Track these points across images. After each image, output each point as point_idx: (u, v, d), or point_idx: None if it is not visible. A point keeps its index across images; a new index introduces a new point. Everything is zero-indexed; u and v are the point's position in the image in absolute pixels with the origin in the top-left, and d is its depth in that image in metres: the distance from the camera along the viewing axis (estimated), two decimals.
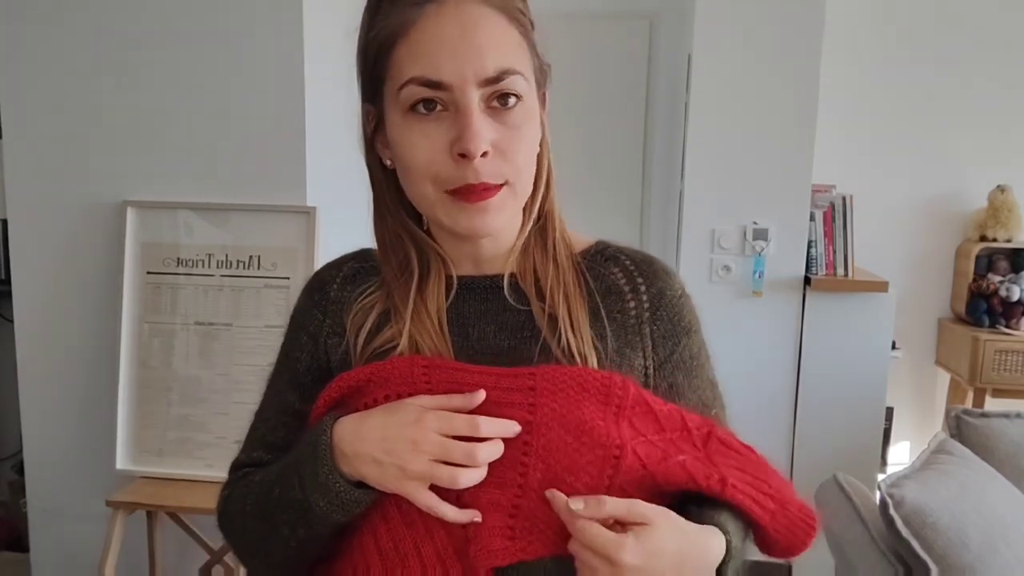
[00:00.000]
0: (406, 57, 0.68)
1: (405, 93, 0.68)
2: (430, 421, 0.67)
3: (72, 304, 2.09)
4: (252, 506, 0.75)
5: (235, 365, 1.96)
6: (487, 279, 0.78)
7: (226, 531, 0.80)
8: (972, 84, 3.08)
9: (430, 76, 0.67)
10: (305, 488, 0.69)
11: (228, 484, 0.81)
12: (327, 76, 2.03)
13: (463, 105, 0.67)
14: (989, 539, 1.40)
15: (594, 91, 3.37)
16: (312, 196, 2.00)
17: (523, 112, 0.70)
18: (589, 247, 0.82)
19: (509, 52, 0.69)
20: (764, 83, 2.50)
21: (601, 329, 0.76)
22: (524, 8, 0.72)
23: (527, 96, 0.71)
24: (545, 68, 0.75)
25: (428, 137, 0.69)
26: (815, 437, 2.61)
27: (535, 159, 0.74)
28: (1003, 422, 1.89)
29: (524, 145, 0.71)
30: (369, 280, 0.80)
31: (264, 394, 0.84)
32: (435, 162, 0.69)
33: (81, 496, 2.10)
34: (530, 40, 0.73)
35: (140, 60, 1.99)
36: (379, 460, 0.67)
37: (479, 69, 0.67)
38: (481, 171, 0.68)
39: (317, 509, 0.68)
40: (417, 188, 0.71)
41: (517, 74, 0.69)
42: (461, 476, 0.66)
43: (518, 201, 0.73)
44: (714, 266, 2.59)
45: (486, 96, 0.68)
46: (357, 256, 0.84)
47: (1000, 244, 2.98)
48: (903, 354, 3.06)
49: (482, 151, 0.67)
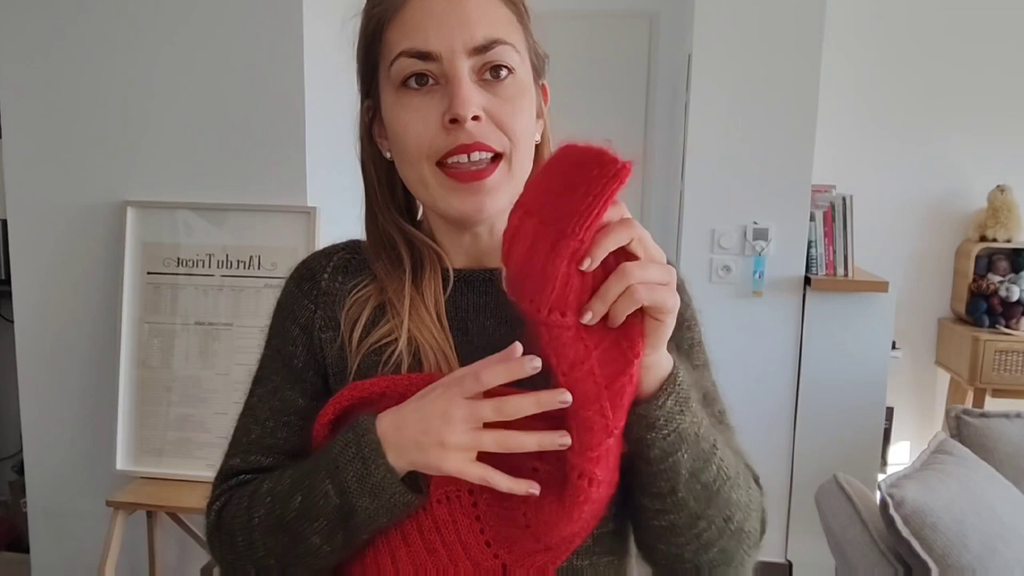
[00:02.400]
0: (397, 34, 0.69)
1: (396, 67, 0.69)
2: (456, 388, 0.63)
3: (72, 304, 2.09)
4: (263, 518, 0.69)
5: (235, 365, 1.96)
6: (485, 272, 0.77)
7: (223, 548, 0.72)
8: (972, 84, 3.08)
9: (419, 47, 0.67)
10: (348, 493, 0.64)
11: (219, 495, 0.75)
12: (327, 76, 2.03)
13: (452, 74, 0.67)
14: (989, 539, 1.40)
15: (594, 90, 3.38)
16: (312, 196, 2.00)
17: (516, 84, 0.70)
18: None
19: (499, 25, 0.69)
20: (764, 83, 2.50)
21: None
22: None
23: (519, 69, 0.70)
24: (542, 56, 0.75)
25: (420, 110, 0.69)
26: (815, 437, 2.61)
27: (532, 134, 0.74)
28: (1003, 422, 1.89)
29: (519, 116, 0.70)
30: (361, 273, 0.78)
31: (251, 394, 0.80)
32: (427, 134, 0.69)
33: (81, 496, 2.11)
34: (524, 24, 0.73)
35: (140, 60, 1.99)
36: (419, 442, 0.63)
37: (467, 39, 0.67)
38: (475, 132, 0.68)
39: (363, 513, 0.64)
40: (412, 168, 0.71)
41: (507, 44, 0.69)
42: (509, 437, 0.61)
43: (515, 180, 0.71)
44: (714, 266, 2.59)
45: (477, 67, 0.68)
46: (347, 247, 0.82)
47: (1000, 244, 2.98)
48: (903, 354, 3.06)
49: (472, 114, 0.67)
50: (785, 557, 2.67)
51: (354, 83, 0.78)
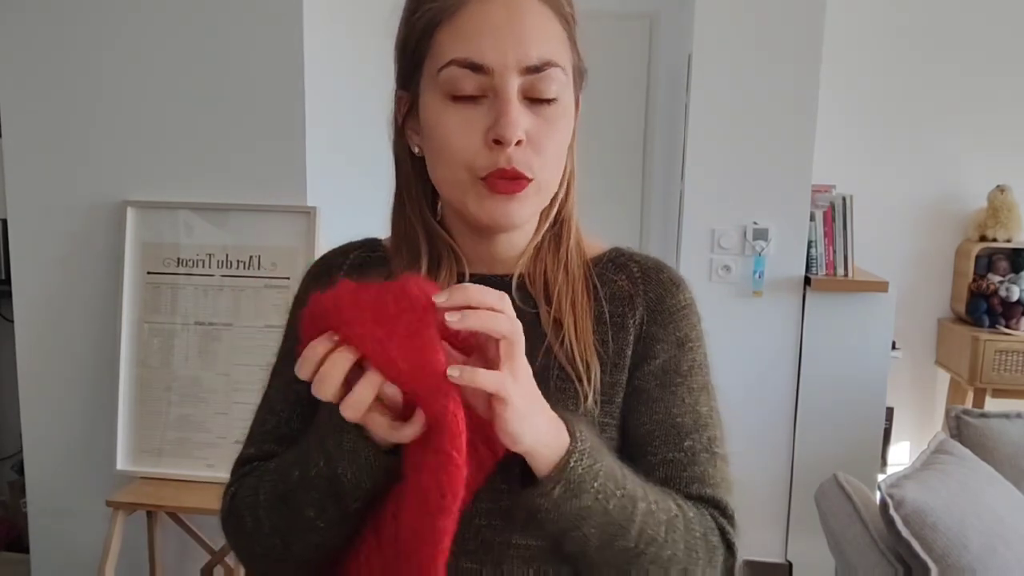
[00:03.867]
0: (449, 39, 0.68)
1: (445, 74, 0.68)
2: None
3: (72, 304, 2.09)
4: (267, 495, 0.71)
5: (235, 365, 1.96)
6: (498, 279, 0.77)
7: (234, 532, 0.74)
8: (972, 84, 3.08)
9: (473, 58, 0.66)
10: (332, 461, 0.65)
11: (234, 482, 0.77)
12: (327, 76, 2.03)
13: (502, 91, 0.67)
14: (989, 539, 1.40)
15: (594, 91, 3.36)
16: (312, 196, 2.00)
17: (560, 107, 0.70)
18: (603, 254, 0.82)
19: (553, 44, 0.69)
20: (764, 83, 2.50)
21: (604, 334, 0.76)
22: (570, 5, 0.72)
23: (564, 92, 0.70)
24: (583, 70, 0.75)
25: (464, 123, 0.68)
26: (815, 437, 2.61)
27: (564, 156, 0.74)
28: (1003, 422, 1.89)
29: (556, 140, 0.71)
30: (377, 271, 0.79)
31: (270, 386, 0.82)
32: (469, 148, 0.68)
33: (81, 496, 2.11)
34: (572, 38, 0.72)
35: (140, 60, 1.99)
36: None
37: (522, 56, 0.67)
38: (514, 158, 0.68)
39: (345, 480, 0.65)
40: (448, 172, 0.71)
41: (558, 67, 0.69)
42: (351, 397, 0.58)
43: (541, 198, 0.73)
44: (714, 266, 2.59)
45: (525, 86, 0.68)
46: (364, 245, 0.83)
47: (1000, 244, 2.98)
48: (903, 354, 3.06)
49: (517, 139, 0.67)
50: (785, 557, 2.67)
51: (355, 82, 0.78)
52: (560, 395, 0.73)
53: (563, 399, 0.72)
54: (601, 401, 0.74)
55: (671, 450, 0.74)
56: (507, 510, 0.70)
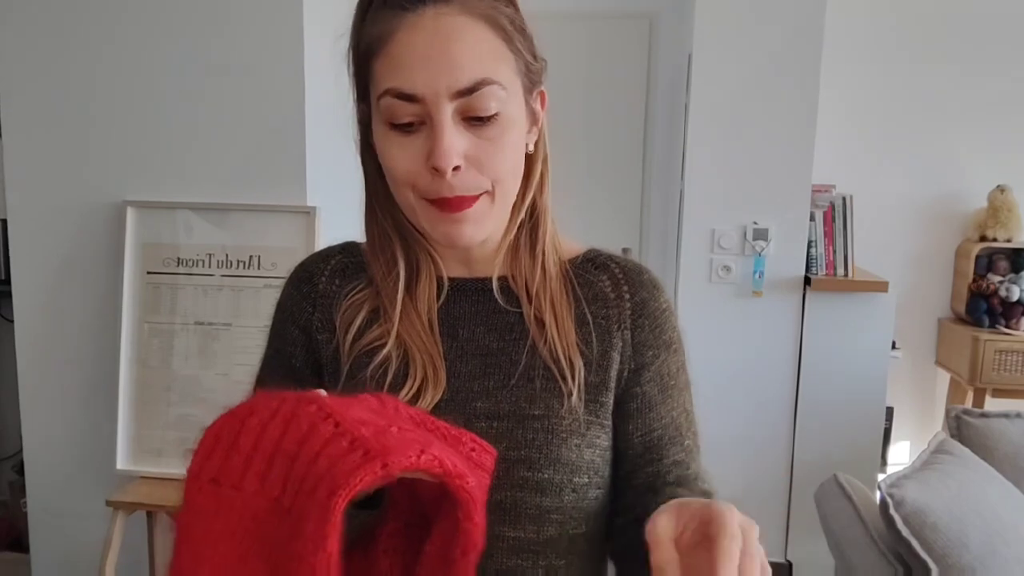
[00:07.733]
0: (383, 68, 0.68)
1: (383, 103, 0.68)
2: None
3: (72, 304, 2.09)
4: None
5: (235, 365, 1.96)
6: (478, 281, 0.78)
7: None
8: (972, 84, 3.08)
9: (403, 88, 0.66)
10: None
11: None
12: (327, 76, 2.03)
13: (435, 118, 0.66)
14: (989, 539, 1.40)
15: (594, 91, 3.38)
16: (312, 196, 2.00)
17: (500, 124, 0.69)
18: (578, 255, 0.82)
19: (486, 62, 0.68)
20: (764, 83, 2.50)
21: (587, 335, 0.76)
22: (510, 12, 0.70)
23: (506, 104, 0.69)
24: (536, 68, 0.74)
25: (405, 149, 0.68)
26: (815, 437, 2.61)
27: (519, 164, 0.73)
28: (1003, 422, 1.89)
29: (502, 156, 0.70)
30: (358, 276, 0.80)
31: (254, 392, 0.81)
32: (412, 173, 0.69)
33: (81, 496, 2.11)
34: (514, 46, 0.71)
35: (140, 60, 1.99)
36: None
37: (452, 82, 0.66)
38: (456, 185, 0.68)
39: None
40: (399, 195, 0.72)
41: (494, 83, 0.67)
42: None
43: (499, 209, 0.72)
44: (714, 266, 2.59)
45: (461, 108, 0.67)
46: (344, 250, 0.83)
47: (1000, 244, 2.98)
48: (903, 354, 3.06)
49: (453, 166, 0.67)
50: (785, 557, 2.67)
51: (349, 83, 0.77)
52: (545, 394, 0.73)
53: (548, 397, 0.73)
54: (586, 400, 0.75)
55: (677, 451, 0.78)
56: (497, 503, 0.69)
